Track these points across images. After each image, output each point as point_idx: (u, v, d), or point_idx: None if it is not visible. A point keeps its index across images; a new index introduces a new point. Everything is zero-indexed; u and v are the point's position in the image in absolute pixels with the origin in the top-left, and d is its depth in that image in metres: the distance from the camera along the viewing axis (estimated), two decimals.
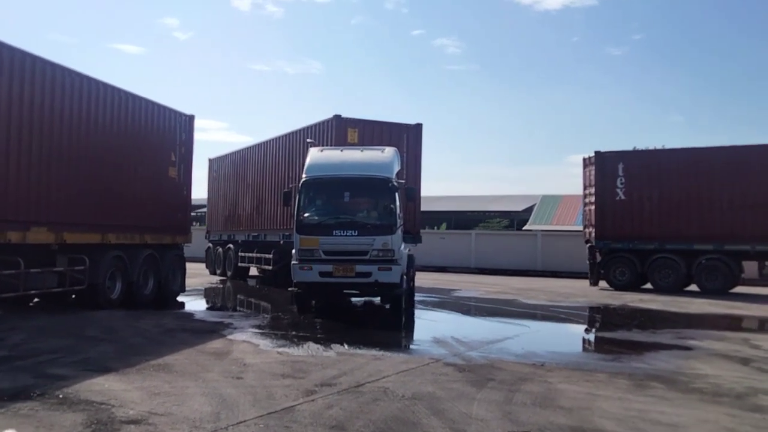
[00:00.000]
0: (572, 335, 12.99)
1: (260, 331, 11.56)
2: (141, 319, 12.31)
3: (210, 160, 28.52)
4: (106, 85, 13.72)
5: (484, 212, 53.58)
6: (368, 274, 13.22)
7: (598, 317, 16.19)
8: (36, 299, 14.01)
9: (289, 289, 14.15)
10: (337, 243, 13.28)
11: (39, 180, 11.85)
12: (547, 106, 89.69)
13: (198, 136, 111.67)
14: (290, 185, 15.72)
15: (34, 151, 11.73)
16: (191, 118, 17.05)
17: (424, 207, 50.29)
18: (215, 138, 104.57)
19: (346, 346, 9.87)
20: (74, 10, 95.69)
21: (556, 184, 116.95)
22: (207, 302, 17.92)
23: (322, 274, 13.26)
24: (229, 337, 10.67)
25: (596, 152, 23.47)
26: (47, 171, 12.07)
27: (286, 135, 21.99)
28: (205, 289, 20.52)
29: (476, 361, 9.04)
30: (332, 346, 9.89)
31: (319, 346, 9.90)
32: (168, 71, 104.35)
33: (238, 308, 16.70)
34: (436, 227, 49.45)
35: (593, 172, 23.50)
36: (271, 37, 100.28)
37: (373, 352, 9.57)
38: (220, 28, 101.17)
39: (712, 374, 8.48)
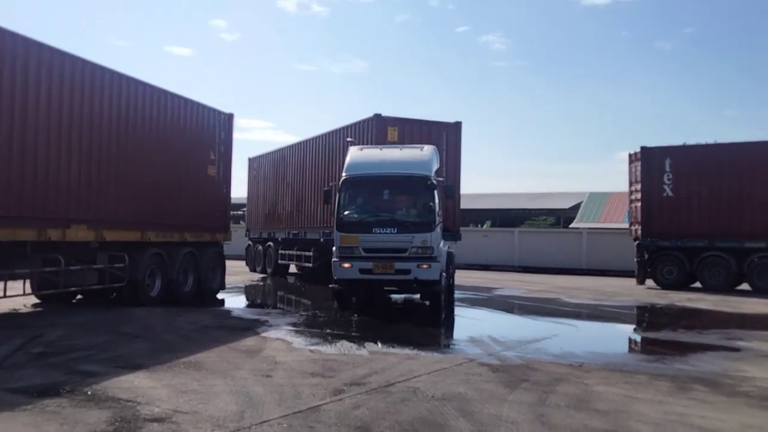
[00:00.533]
0: (614, 335, 12.61)
1: (295, 328, 11.49)
2: (178, 317, 12.37)
3: (250, 159, 28.74)
4: (145, 84, 13.82)
5: (530, 210, 52.92)
6: (407, 271, 13.30)
7: (643, 316, 15.73)
8: (79, 296, 14.24)
9: (330, 285, 14.30)
10: (377, 240, 13.40)
11: (79, 178, 11.99)
12: (595, 102, 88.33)
13: (244, 136, 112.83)
14: (330, 183, 15.82)
15: (74, 149, 11.86)
16: (230, 116, 17.10)
17: (467, 205, 50.13)
18: (261, 137, 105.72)
19: (379, 345, 9.75)
20: (128, 15, 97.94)
21: (605, 181, 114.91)
22: (246, 299, 17.94)
23: (362, 271, 13.41)
24: (263, 334, 10.63)
25: (642, 148, 22.86)
26: (87, 170, 12.20)
27: (326, 134, 22.06)
28: (246, 287, 20.61)
29: (511, 361, 8.80)
30: (365, 344, 9.77)
31: (352, 344, 9.78)
32: (215, 72, 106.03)
33: (276, 305, 16.70)
34: (479, 225, 49.00)
35: (639, 168, 22.91)
36: (317, 36, 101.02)
37: (407, 351, 9.42)
38: (267, 29, 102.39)
39: (760, 377, 8.10)
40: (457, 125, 19.95)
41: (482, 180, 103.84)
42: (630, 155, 23.83)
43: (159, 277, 14.31)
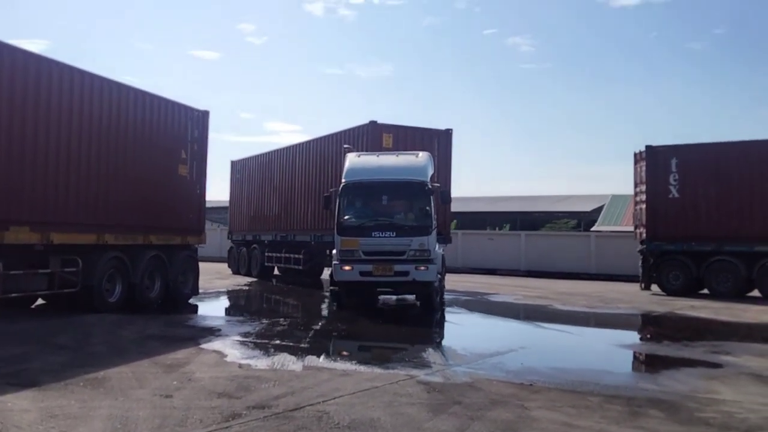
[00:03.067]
0: (588, 348, 11.40)
1: (243, 339, 10.70)
2: (128, 325, 11.64)
3: (232, 162, 28.78)
4: (102, 78, 13.13)
5: (552, 213, 51.64)
6: (406, 273, 13.79)
7: (633, 326, 14.74)
8: (40, 301, 13.66)
9: (330, 287, 14.98)
10: (377, 244, 13.89)
11: (21, 177, 11.29)
12: (623, 103, 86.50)
13: (270, 139, 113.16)
14: (330, 189, 16.02)
15: (15, 146, 11.17)
16: (205, 113, 16.40)
17: (488, 207, 49.34)
18: (288, 141, 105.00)
19: (321, 359, 8.96)
20: (154, 18, 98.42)
21: (629, 184, 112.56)
22: (219, 306, 17.14)
23: (362, 273, 13.89)
24: (203, 345, 9.86)
25: (647, 146, 21.73)
26: (32, 168, 11.51)
27: (318, 139, 22.26)
28: (228, 291, 19.90)
29: (456, 379, 7.92)
30: (306, 358, 8.96)
31: (293, 357, 8.97)
32: (242, 75, 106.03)
33: (245, 313, 15.91)
34: (497, 228, 47.90)
35: (644, 168, 21.81)
36: (344, 40, 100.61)
37: (347, 365, 8.61)
38: (294, 33, 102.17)
39: (730, 399, 7.13)
40: (448, 132, 20.45)
41: (504, 183, 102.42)
42: (635, 154, 22.73)
43: (119, 282, 13.59)
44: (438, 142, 19.75)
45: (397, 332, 12.65)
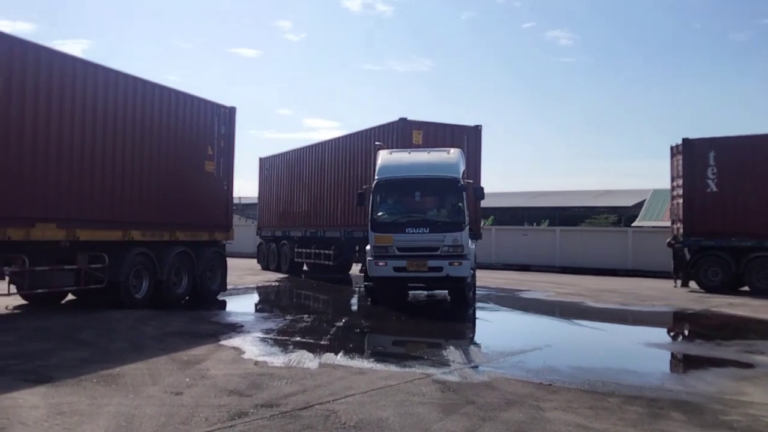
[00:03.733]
0: (615, 346, 11.06)
1: (264, 335, 10.64)
2: (152, 321, 11.68)
3: (261, 160, 28.96)
4: (127, 76, 13.21)
5: (592, 208, 50.83)
6: (440, 269, 13.87)
7: (666, 323, 14.35)
8: (71, 296, 13.82)
9: (365, 283, 15.38)
10: (411, 240, 14.03)
11: (46, 174, 11.40)
12: (665, 97, 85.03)
13: (309, 135, 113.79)
14: (363, 186, 16.32)
15: (39, 144, 11.28)
16: (232, 110, 16.39)
17: (526, 203, 49.03)
18: (325, 137, 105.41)
19: (338, 356, 8.85)
20: (194, 17, 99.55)
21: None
22: (248, 302, 17.11)
23: (396, 269, 14.01)
24: (223, 342, 9.82)
25: (684, 139, 21.17)
26: (57, 165, 11.61)
27: (348, 136, 22.39)
28: (257, 287, 19.91)
29: (473, 378, 7.75)
30: (324, 355, 8.88)
31: (311, 354, 8.90)
32: (281, 72, 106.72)
33: (271, 309, 15.92)
34: (534, 224, 47.28)
35: (681, 162, 21.25)
36: (381, 35, 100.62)
37: (364, 363, 8.50)
38: (332, 29, 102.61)
39: (758, 402, 6.83)
40: (477, 129, 20.24)
41: (542, 177, 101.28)
42: (671, 148, 22.16)
43: (146, 278, 13.66)
44: (467, 139, 19.64)
45: (420, 329, 12.50)
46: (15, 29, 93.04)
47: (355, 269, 22.27)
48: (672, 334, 13.49)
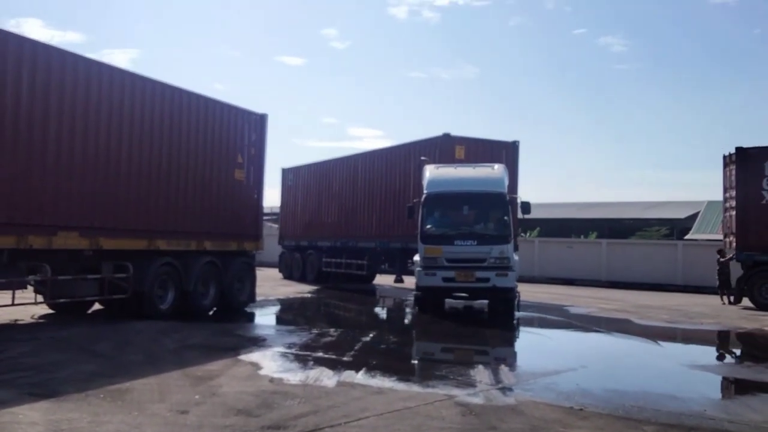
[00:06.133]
0: (656, 368, 10.08)
1: (286, 350, 10.22)
2: (173, 333, 11.34)
3: (283, 170, 29.31)
4: (155, 82, 13.02)
5: (643, 220, 49.34)
6: (487, 280, 14.53)
7: (712, 344, 13.54)
8: (97, 306, 13.63)
9: (414, 293, 15.86)
10: (459, 252, 14.64)
11: (70, 181, 11.20)
12: (724, 105, 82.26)
13: (353, 144, 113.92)
14: (414, 200, 16.74)
15: (64, 150, 11.09)
16: (263, 117, 16.09)
17: (574, 214, 48.29)
18: (370, 146, 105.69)
19: (359, 374, 8.38)
20: (241, 25, 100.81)
21: None
22: (273, 314, 16.68)
23: (445, 279, 14.67)
24: (242, 356, 9.44)
25: (737, 148, 20.15)
26: (80, 173, 11.41)
27: (387, 149, 23.20)
28: (288, 299, 19.48)
29: (499, 401, 7.20)
30: (344, 373, 8.42)
31: (330, 372, 8.45)
32: (327, 80, 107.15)
33: (296, 321, 15.56)
34: (582, 236, 46.04)
35: (734, 172, 20.28)
36: (427, 43, 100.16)
37: (384, 382, 8.02)
38: (377, 37, 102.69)
39: None
40: (515, 144, 21.23)
41: (591, 189, 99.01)
42: (724, 157, 21.17)
43: (172, 289, 13.42)
44: (506, 154, 20.23)
45: (452, 344, 12.00)
46: (65, 40, 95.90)
47: (379, 279, 22.95)
48: (719, 355, 12.70)
